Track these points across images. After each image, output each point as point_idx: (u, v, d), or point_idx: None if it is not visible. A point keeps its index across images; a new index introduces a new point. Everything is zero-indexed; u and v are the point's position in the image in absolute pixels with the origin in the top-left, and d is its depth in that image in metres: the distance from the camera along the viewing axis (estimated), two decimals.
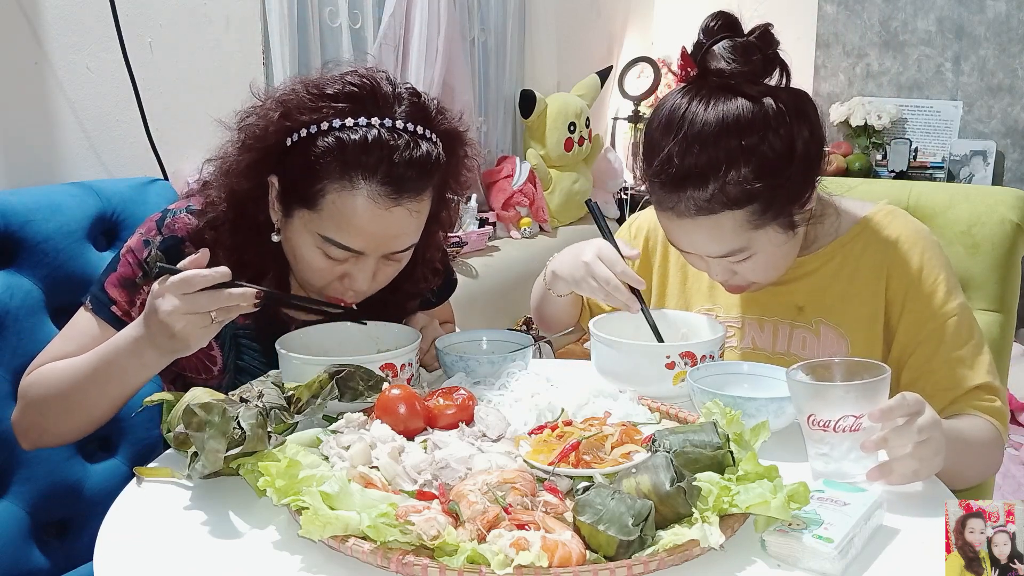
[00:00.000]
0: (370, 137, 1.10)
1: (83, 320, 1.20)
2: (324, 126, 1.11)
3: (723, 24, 1.17)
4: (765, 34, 1.17)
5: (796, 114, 1.16)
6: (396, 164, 1.10)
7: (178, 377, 1.29)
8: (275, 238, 1.20)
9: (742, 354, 1.34)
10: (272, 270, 1.23)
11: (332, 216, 1.12)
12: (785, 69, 1.18)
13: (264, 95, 1.19)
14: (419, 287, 1.36)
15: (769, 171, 1.13)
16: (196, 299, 1.01)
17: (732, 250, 1.19)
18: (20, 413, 1.19)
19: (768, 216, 1.16)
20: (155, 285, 1.03)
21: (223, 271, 1.03)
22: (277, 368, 1.18)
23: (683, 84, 1.19)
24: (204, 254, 1.05)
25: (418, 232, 1.20)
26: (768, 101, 1.14)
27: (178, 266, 1.04)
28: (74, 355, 1.16)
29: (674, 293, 1.43)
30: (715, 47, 1.16)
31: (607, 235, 1.34)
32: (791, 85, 1.19)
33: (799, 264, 1.30)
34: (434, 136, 1.17)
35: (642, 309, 1.29)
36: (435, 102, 1.20)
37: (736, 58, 1.15)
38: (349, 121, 1.11)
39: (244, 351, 1.26)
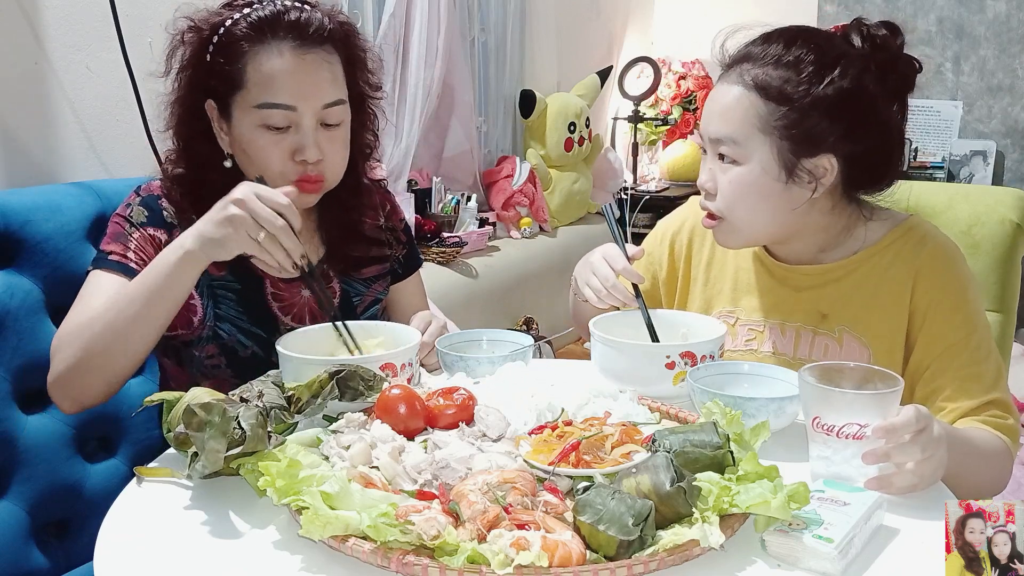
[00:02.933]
0: (267, 11, 1.25)
1: (94, 279, 1.25)
2: (228, 22, 1.25)
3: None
4: (912, 63, 1.24)
5: (877, 91, 1.20)
6: (296, 21, 1.25)
7: (169, 345, 1.31)
8: (227, 164, 1.30)
9: (762, 358, 1.32)
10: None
11: (257, 80, 1.23)
12: (904, 105, 1.25)
13: (173, 30, 1.29)
14: (381, 233, 1.46)
15: (811, 94, 1.18)
16: (263, 208, 1.10)
17: (729, 135, 1.21)
18: (62, 370, 1.18)
19: (777, 126, 1.19)
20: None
21: (298, 215, 1.12)
22: (251, 317, 1.29)
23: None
24: (293, 190, 1.15)
25: (340, 88, 1.29)
26: (861, 48, 1.20)
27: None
28: (99, 308, 1.19)
29: (696, 294, 1.43)
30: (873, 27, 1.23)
31: (615, 237, 1.34)
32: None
33: (825, 271, 1.30)
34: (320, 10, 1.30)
35: (641, 308, 1.29)
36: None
37: (879, 33, 1.22)
38: (246, 11, 1.25)
39: (221, 300, 1.30)
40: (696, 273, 1.44)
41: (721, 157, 1.24)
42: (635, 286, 1.30)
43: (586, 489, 0.85)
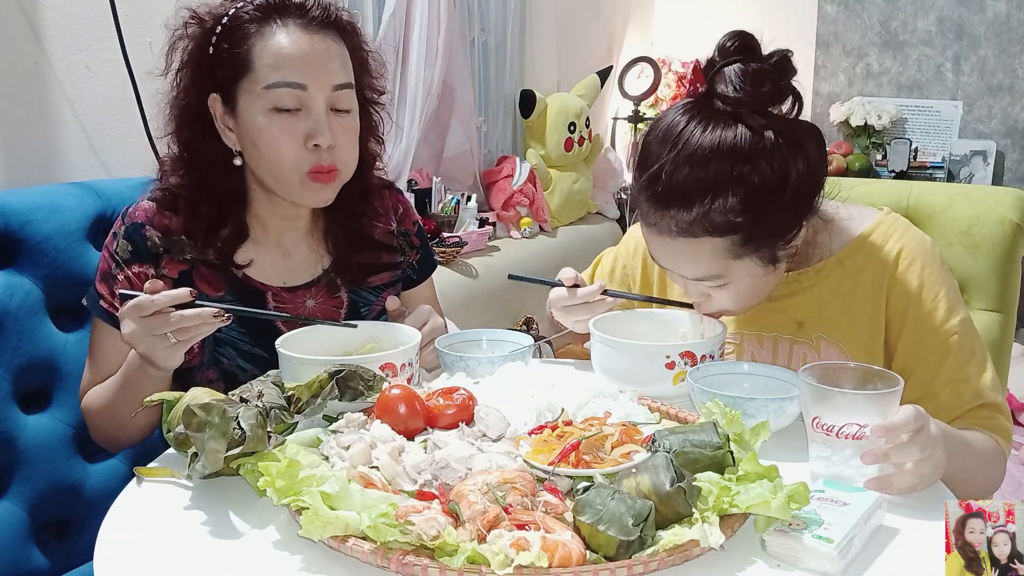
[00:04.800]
0: None
1: (94, 330, 1.30)
2: (232, 11, 1.23)
3: (740, 46, 1.14)
4: (783, 61, 1.14)
5: (794, 150, 1.13)
6: (302, 3, 1.24)
7: None
8: (237, 162, 1.27)
9: None
10: (231, 217, 1.29)
11: (266, 61, 1.21)
12: (798, 100, 1.16)
13: (173, 24, 1.27)
14: (393, 239, 1.44)
15: (755, 204, 1.12)
16: (149, 323, 1.08)
17: (708, 275, 1.19)
18: (95, 436, 1.31)
19: (748, 248, 1.15)
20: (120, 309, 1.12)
21: (175, 294, 1.08)
22: (253, 337, 1.29)
23: (687, 99, 1.18)
24: (155, 283, 1.10)
25: (349, 73, 1.27)
26: (768, 134, 1.12)
27: (143, 289, 1.10)
28: (100, 368, 1.27)
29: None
30: (727, 69, 1.13)
31: (544, 284, 1.39)
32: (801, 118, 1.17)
33: (797, 279, 1.29)
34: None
35: (620, 295, 1.34)
36: None
37: (745, 85, 1.12)
38: None
39: None
40: (672, 284, 1.43)
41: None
42: (606, 291, 1.33)
43: (586, 489, 0.85)
